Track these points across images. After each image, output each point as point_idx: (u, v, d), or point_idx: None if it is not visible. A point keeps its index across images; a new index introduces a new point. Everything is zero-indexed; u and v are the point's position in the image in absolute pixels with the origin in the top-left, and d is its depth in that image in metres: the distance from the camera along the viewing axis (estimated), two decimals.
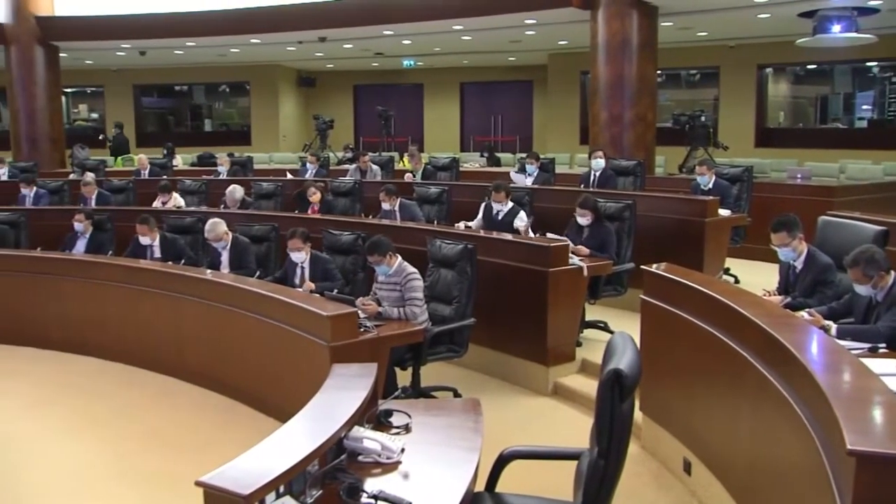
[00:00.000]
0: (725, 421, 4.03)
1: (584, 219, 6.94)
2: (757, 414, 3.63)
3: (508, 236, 6.95)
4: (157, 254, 7.72)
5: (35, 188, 11.25)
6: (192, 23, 14.87)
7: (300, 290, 6.10)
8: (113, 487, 4.91)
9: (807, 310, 4.55)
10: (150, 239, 7.73)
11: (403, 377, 5.73)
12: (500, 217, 7.74)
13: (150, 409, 6.26)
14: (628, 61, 11.67)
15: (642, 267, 5.16)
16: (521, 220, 7.60)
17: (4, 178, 13.18)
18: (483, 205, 7.99)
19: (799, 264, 5.17)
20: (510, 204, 7.78)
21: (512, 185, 9.34)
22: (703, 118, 14.10)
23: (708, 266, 7.44)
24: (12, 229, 9.15)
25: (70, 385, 6.90)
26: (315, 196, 9.11)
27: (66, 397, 6.58)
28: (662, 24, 12.23)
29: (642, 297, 5.06)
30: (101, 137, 21.48)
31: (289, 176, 11.81)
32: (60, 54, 16.16)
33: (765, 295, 5.12)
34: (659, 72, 12.65)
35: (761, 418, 3.56)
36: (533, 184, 9.89)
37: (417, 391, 5.69)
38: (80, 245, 8.42)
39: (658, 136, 12.46)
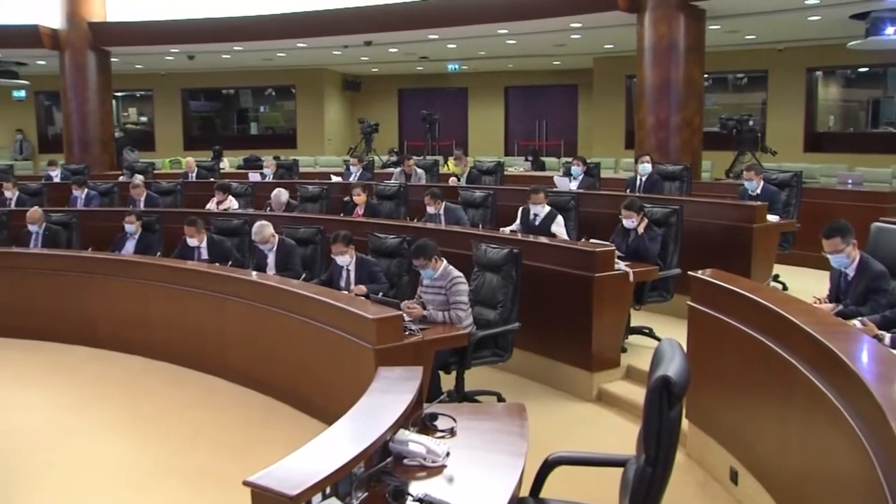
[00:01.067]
0: (774, 430, 3.96)
1: (629, 221, 6.89)
2: (807, 424, 3.56)
3: (554, 241, 6.92)
4: (204, 255, 7.81)
5: (86, 190, 11.47)
6: (240, 27, 15.05)
7: (346, 293, 6.13)
8: (160, 484, 4.99)
9: (859, 318, 4.44)
10: (197, 240, 7.82)
11: (447, 381, 5.73)
12: (536, 222, 7.72)
13: (195, 408, 6.35)
14: (675, 65, 11.56)
15: (689, 273, 5.10)
16: (559, 226, 7.58)
17: (57, 179, 13.45)
18: (521, 209, 7.96)
19: (851, 271, 5.05)
20: (547, 208, 7.76)
21: (555, 189, 9.32)
22: (751, 122, 13.93)
23: (756, 273, 7.34)
24: (65, 230, 9.34)
25: (117, 383, 7.04)
26: (359, 198, 9.15)
27: (113, 395, 6.71)
28: (710, 27, 12.10)
29: (689, 303, 5.00)
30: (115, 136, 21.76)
31: (333, 179, 11.89)
32: (111, 59, 16.44)
33: (815, 303, 5.03)
34: (706, 75, 12.52)
35: (812, 429, 3.50)
36: (578, 188, 9.83)
37: (461, 395, 5.69)
38: (130, 246, 8.56)
39: (705, 141, 12.33)
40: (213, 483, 4.96)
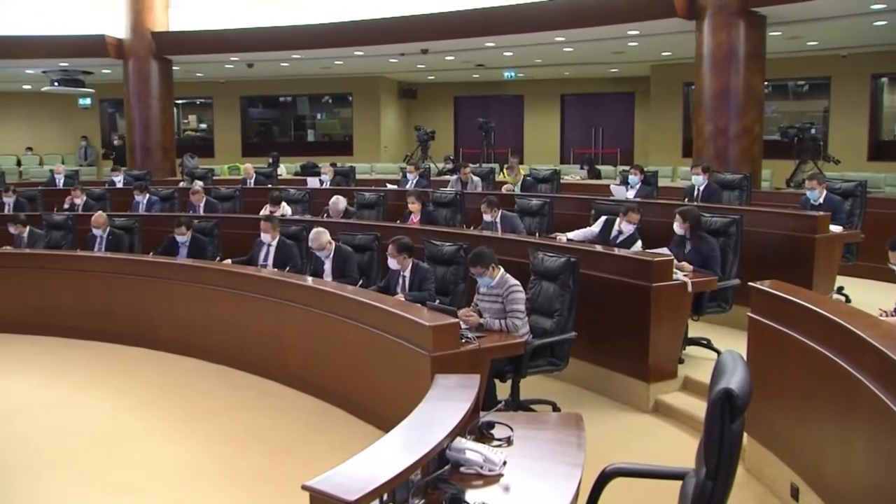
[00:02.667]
0: (838, 446, 3.88)
1: (679, 227, 6.81)
2: (873, 441, 3.49)
3: (611, 250, 6.87)
4: (272, 255, 7.92)
5: (148, 195, 11.71)
6: (299, 36, 15.23)
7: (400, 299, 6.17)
8: (217, 485, 5.07)
9: None
10: (271, 237, 7.92)
11: (502, 389, 5.72)
12: (618, 240, 7.46)
13: (251, 410, 6.45)
14: (734, 72, 11.40)
15: (750, 284, 5.02)
16: (637, 248, 7.51)
17: (120, 185, 13.73)
18: (604, 219, 7.74)
19: None
20: (632, 229, 7.41)
21: (611, 198, 9.26)
22: (812, 130, 13.67)
23: (818, 284, 7.20)
24: (127, 234, 9.55)
25: (175, 384, 7.18)
26: (414, 206, 9.18)
27: (171, 396, 6.85)
28: (770, 33, 11.91)
29: (750, 314, 4.93)
30: (113, 143, 22.27)
31: (389, 186, 11.96)
32: (173, 67, 16.78)
33: (881, 315, 4.92)
34: (766, 83, 12.32)
35: (877, 446, 3.42)
36: (635, 197, 9.75)
37: (516, 404, 5.68)
38: (183, 251, 8.70)
39: (764, 149, 12.12)
40: (268, 485, 5.03)
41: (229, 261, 8.00)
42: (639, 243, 7.46)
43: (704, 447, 2.66)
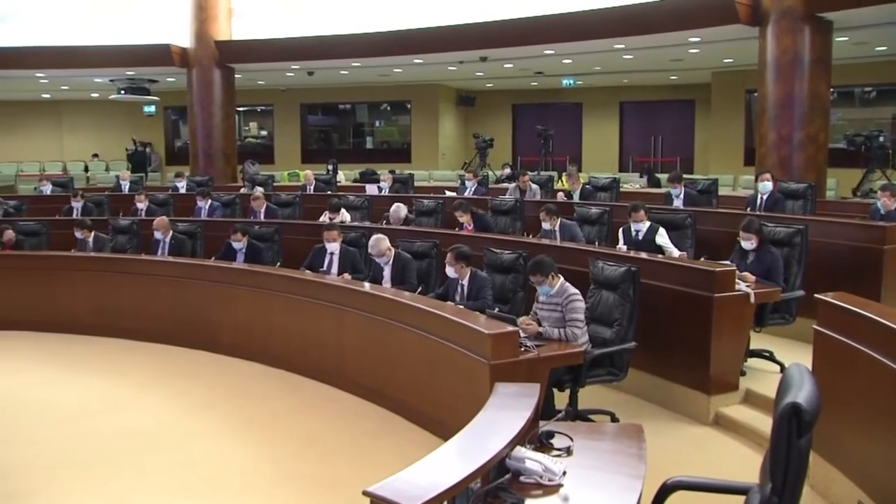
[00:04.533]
0: None
1: (748, 243, 6.70)
2: None
3: (672, 260, 6.80)
4: (335, 262, 7.98)
5: (209, 201, 11.91)
6: (359, 44, 15.37)
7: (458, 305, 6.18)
8: (276, 488, 5.12)
9: None
10: (336, 244, 7.99)
11: (560, 399, 5.69)
12: (640, 237, 7.66)
13: (309, 415, 6.51)
14: (799, 79, 11.19)
15: (816, 296, 4.91)
16: (663, 237, 7.47)
17: (183, 190, 13.98)
18: (621, 229, 7.91)
19: None
20: (648, 222, 7.72)
21: (665, 206, 9.19)
22: (881, 138, 13.33)
23: (887, 297, 7.00)
24: (189, 239, 9.72)
25: (235, 388, 7.29)
26: (463, 218, 9.13)
27: (231, 399, 6.95)
28: (837, 39, 11.67)
29: (815, 327, 4.82)
30: (126, 148, 22.71)
31: (448, 193, 11.99)
32: (236, 75, 17.06)
33: None
34: (831, 89, 12.07)
35: None
36: (683, 205, 9.63)
37: (574, 413, 5.64)
38: (240, 258, 8.81)
39: (829, 158, 11.87)
40: (326, 489, 5.07)
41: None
42: (661, 230, 7.59)
43: (770, 462, 2.61)
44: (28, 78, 18.57)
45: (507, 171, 17.50)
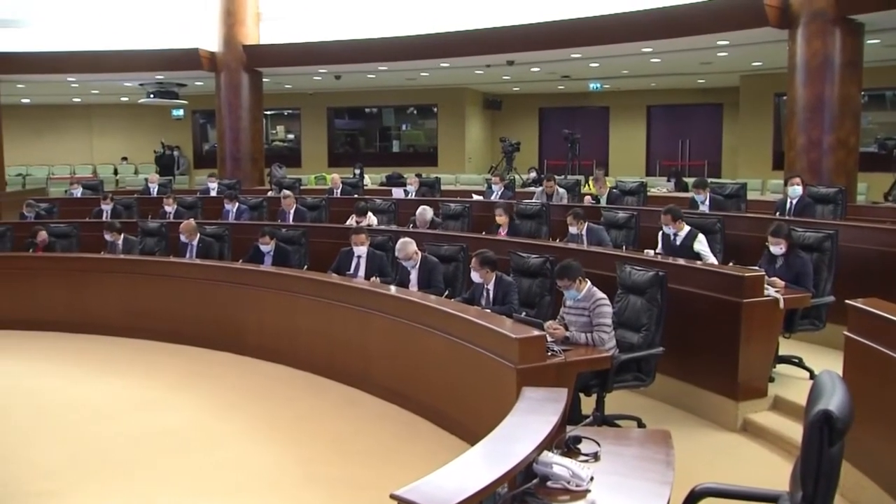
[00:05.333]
0: None
1: (777, 248, 6.63)
2: None
3: (700, 264, 6.76)
4: (363, 266, 7.99)
5: (237, 204, 11.96)
6: (386, 48, 15.41)
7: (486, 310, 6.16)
8: (302, 490, 5.15)
9: None
10: (363, 248, 8.00)
11: (587, 403, 5.67)
12: (677, 242, 7.54)
13: (335, 418, 6.53)
14: (829, 82, 11.08)
15: (847, 301, 4.86)
16: (701, 244, 7.40)
17: (214, 193, 14.03)
18: (660, 233, 7.80)
19: None
20: (686, 228, 7.56)
21: (694, 211, 9.12)
22: None
23: None
24: (217, 242, 9.78)
25: (261, 390, 7.33)
26: (501, 219, 9.16)
27: (257, 401, 6.99)
28: (868, 41, 11.55)
29: (846, 333, 4.77)
30: (154, 151, 22.92)
31: (475, 197, 11.98)
32: (263, 79, 17.17)
33: None
34: (862, 92, 11.94)
35: None
36: (710, 211, 9.56)
37: (601, 419, 5.61)
38: (268, 260, 8.85)
39: (860, 162, 11.74)
40: (353, 492, 5.09)
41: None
42: (700, 237, 7.46)
43: (801, 470, 2.59)
44: (60, 82, 18.82)
45: (533, 175, 17.47)
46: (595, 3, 13.10)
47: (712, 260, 7.35)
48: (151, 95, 18.91)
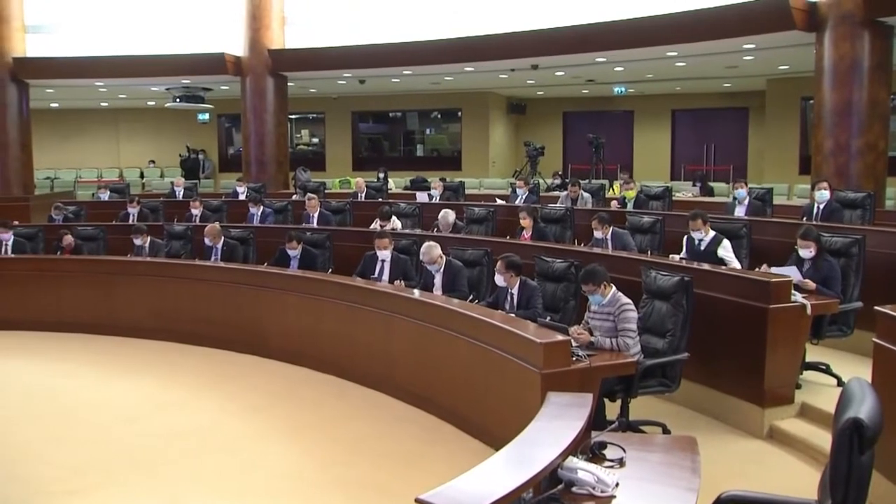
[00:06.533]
0: None
1: (806, 251, 6.56)
2: None
3: (726, 270, 6.71)
4: (387, 270, 8.01)
5: (262, 207, 12.03)
6: (411, 52, 15.43)
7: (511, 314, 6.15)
8: (325, 493, 5.16)
9: None
10: (387, 252, 8.01)
11: (611, 409, 5.64)
12: (702, 247, 7.50)
13: (358, 420, 6.54)
14: (858, 86, 10.99)
15: (876, 308, 4.80)
16: (726, 250, 7.34)
17: (244, 196, 14.05)
18: (685, 237, 7.76)
19: None
20: (712, 233, 7.53)
21: (723, 216, 9.06)
22: None
23: None
24: (242, 245, 9.84)
25: (284, 392, 7.36)
26: (525, 222, 9.15)
27: (280, 403, 7.02)
28: None
29: (876, 340, 4.71)
30: (179, 155, 23.09)
31: (499, 201, 11.97)
32: (288, 83, 17.26)
33: None
34: (892, 96, 11.81)
35: None
36: (745, 214, 9.49)
37: (626, 424, 5.58)
38: (294, 264, 8.89)
39: (889, 166, 11.62)
40: (375, 495, 5.09)
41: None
42: (725, 242, 7.41)
43: (830, 478, 2.56)
44: (88, 87, 19.02)
45: (557, 180, 17.43)
46: (620, 7, 13.06)
47: (736, 265, 7.30)
48: (178, 100, 19.06)
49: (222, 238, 9.65)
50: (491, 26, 14.46)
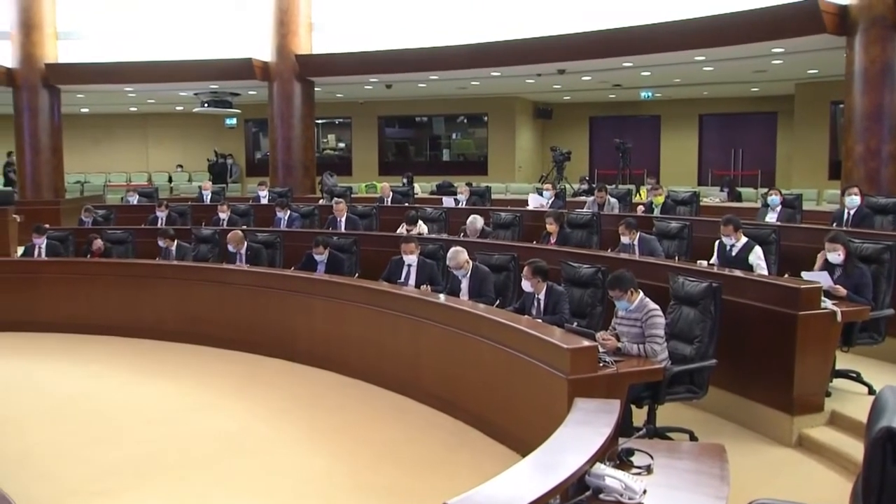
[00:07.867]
0: None
1: (835, 254, 6.49)
2: None
3: (755, 276, 6.65)
4: (413, 274, 8.02)
5: (289, 211, 12.09)
6: (437, 57, 15.47)
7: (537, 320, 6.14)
8: (350, 498, 5.18)
9: None
10: (413, 257, 8.02)
11: (638, 415, 5.61)
12: (733, 253, 7.42)
13: (384, 425, 6.54)
14: (889, 90, 10.88)
15: None
16: (757, 257, 7.27)
17: (265, 200, 14.21)
18: (717, 242, 7.70)
19: None
20: (744, 239, 7.45)
21: (753, 222, 8.99)
22: None
23: None
24: (268, 249, 9.89)
25: (310, 396, 7.38)
26: (551, 227, 9.13)
27: (306, 407, 7.03)
28: None
29: None
30: (207, 159, 23.24)
31: (531, 205, 11.96)
32: (315, 88, 17.36)
33: None
34: None
35: None
36: (777, 220, 9.42)
37: (653, 431, 5.55)
38: (321, 269, 8.91)
39: None
40: (401, 500, 5.10)
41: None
42: (757, 249, 7.34)
43: (863, 488, 2.53)
44: (117, 92, 19.26)
45: (584, 185, 17.38)
46: (647, 12, 13.01)
47: (764, 272, 7.23)
48: (206, 104, 19.24)
49: (245, 244, 9.70)
50: (518, 31, 14.47)
